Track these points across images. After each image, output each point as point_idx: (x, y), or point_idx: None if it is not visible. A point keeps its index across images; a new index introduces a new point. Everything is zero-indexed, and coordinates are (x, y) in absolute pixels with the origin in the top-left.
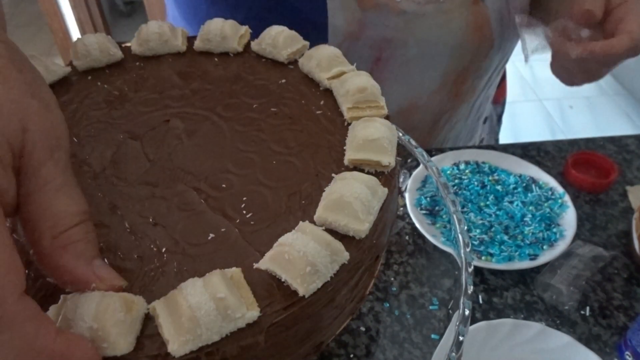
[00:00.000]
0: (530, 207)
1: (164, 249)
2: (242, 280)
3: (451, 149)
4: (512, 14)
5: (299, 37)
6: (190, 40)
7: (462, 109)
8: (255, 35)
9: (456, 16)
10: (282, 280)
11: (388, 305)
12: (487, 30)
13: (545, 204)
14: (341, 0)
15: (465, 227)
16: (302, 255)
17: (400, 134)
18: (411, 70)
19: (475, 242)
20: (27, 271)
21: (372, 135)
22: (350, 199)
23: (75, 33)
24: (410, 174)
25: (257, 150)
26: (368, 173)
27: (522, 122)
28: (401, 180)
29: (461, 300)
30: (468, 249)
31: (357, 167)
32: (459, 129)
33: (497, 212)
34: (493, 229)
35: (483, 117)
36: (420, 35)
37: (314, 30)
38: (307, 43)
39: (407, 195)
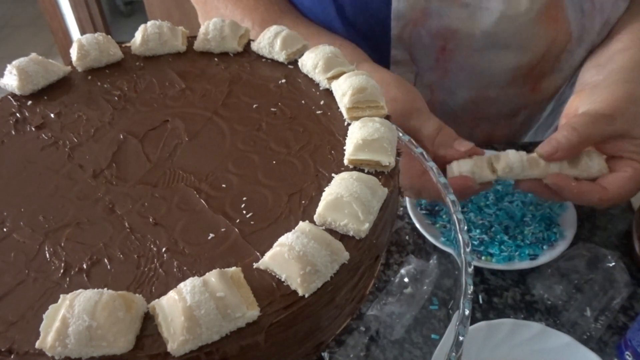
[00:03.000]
0: (530, 207)
1: (164, 249)
2: (242, 279)
3: None
4: (596, 1)
5: (298, 37)
6: (190, 40)
7: (545, 104)
8: None
9: (525, 8)
10: (282, 280)
11: (388, 305)
12: (563, 22)
13: (546, 204)
14: None
15: (465, 227)
16: (302, 255)
17: (400, 134)
18: (478, 62)
19: (475, 242)
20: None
21: (371, 135)
22: (350, 199)
23: (75, 33)
24: None
25: (257, 150)
26: (368, 173)
27: None
28: None
29: (461, 301)
30: (468, 249)
31: (357, 167)
32: (550, 122)
33: (497, 212)
34: (493, 229)
35: None
36: (486, 28)
37: (378, 12)
38: (307, 43)
39: None
